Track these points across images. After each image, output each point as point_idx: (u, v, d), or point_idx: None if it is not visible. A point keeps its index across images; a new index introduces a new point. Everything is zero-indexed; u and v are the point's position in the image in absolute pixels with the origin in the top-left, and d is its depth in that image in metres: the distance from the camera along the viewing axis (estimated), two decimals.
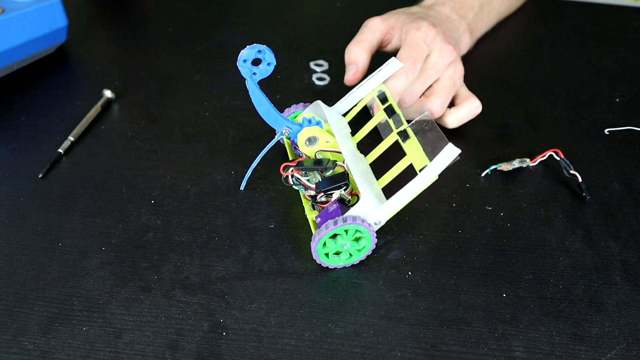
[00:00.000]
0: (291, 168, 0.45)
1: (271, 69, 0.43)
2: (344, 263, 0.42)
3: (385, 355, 0.38)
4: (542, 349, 0.38)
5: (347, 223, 0.40)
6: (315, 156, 0.47)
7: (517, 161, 0.51)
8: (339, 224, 0.40)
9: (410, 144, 0.42)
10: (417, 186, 0.40)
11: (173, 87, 0.61)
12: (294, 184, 0.45)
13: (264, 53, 0.42)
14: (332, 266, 0.42)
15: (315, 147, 0.47)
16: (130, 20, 0.75)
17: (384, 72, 0.49)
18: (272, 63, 0.43)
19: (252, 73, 0.43)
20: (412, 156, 0.42)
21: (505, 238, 0.45)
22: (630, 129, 0.56)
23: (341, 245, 0.41)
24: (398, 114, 0.45)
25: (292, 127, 0.47)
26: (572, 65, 0.66)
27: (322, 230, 0.40)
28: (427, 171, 0.39)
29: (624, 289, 0.42)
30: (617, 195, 0.49)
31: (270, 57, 0.42)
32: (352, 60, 0.53)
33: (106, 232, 0.45)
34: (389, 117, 0.46)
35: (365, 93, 0.49)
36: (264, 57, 0.42)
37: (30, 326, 0.39)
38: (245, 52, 0.42)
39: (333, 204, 0.42)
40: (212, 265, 0.43)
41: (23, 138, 0.54)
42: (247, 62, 0.43)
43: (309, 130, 0.46)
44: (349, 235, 0.41)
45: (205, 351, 0.38)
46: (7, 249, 0.44)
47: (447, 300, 0.41)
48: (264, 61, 0.43)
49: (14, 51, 0.58)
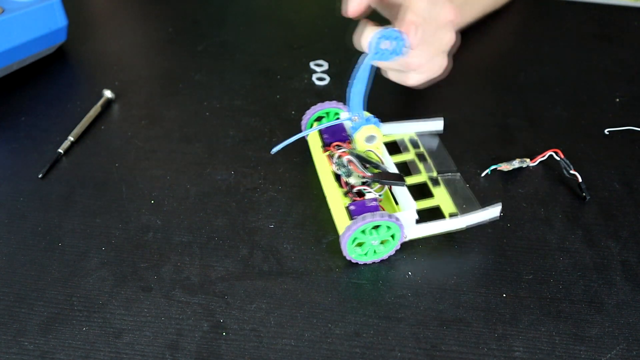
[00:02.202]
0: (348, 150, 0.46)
1: (402, 48, 0.42)
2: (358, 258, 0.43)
3: (385, 355, 0.38)
4: (542, 349, 0.38)
5: (392, 220, 0.40)
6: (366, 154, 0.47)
7: (517, 161, 0.51)
8: (384, 217, 0.40)
9: (439, 190, 0.47)
10: (453, 225, 0.44)
11: (173, 87, 0.61)
12: (339, 166, 0.45)
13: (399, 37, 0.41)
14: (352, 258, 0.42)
15: (370, 146, 0.47)
16: (130, 20, 0.75)
17: (426, 124, 0.53)
18: (398, 36, 0.42)
19: (390, 53, 0.42)
20: (439, 200, 0.46)
21: (505, 238, 0.45)
22: (630, 129, 0.56)
23: (369, 240, 0.41)
24: (430, 163, 0.49)
25: (360, 118, 0.46)
26: (572, 65, 0.66)
27: (367, 216, 0.40)
28: (471, 216, 0.44)
29: (624, 289, 0.42)
30: (617, 195, 0.49)
31: (396, 33, 0.41)
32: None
33: (106, 232, 0.45)
34: (419, 162, 0.50)
35: (404, 130, 0.53)
36: (399, 38, 0.41)
37: (30, 326, 0.39)
38: (374, 43, 0.41)
39: (373, 200, 0.43)
40: (212, 265, 0.43)
41: (23, 138, 0.54)
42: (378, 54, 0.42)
43: (369, 128, 0.46)
44: (382, 233, 0.41)
45: (205, 351, 0.38)
46: (7, 249, 0.44)
47: (447, 300, 0.41)
48: (391, 39, 0.41)
49: (14, 51, 0.58)
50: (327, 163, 0.47)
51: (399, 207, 0.45)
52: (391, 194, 0.46)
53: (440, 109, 0.59)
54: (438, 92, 0.62)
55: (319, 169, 0.48)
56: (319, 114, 0.51)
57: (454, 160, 0.52)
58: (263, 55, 0.67)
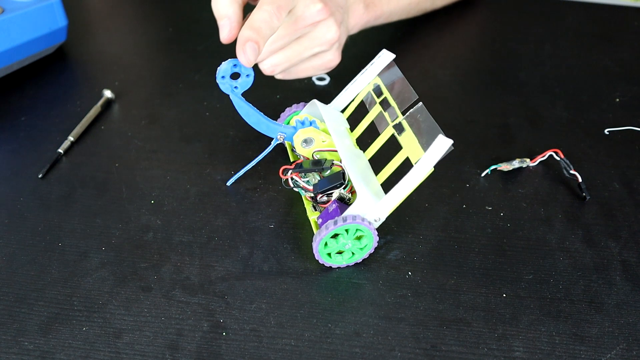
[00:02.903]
0: (290, 171, 0.45)
1: (251, 80, 0.44)
2: (347, 262, 0.42)
3: (385, 355, 0.38)
4: (542, 349, 0.38)
5: (346, 222, 0.40)
6: (313, 157, 0.47)
7: (517, 161, 0.51)
8: (338, 223, 0.40)
9: (405, 137, 0.42)
10: (413, 180, 0.40)
11: (173, 87, 0.61)
12: (294, 187, 0.45)
13: (240, 66, 0.42)
14: (336, 265, 0.42)
15: (312, 148, 0.47)
16: (130, 20, 0.75)
17: (376, 64, 0.47)
18: (250, 74, 0.43)
19: (234, 87, 0.44)
20: (408, 149, 0.41)
21: (505, 238, 0.45)
22: (630, 129, 0.56)
23: (343, 245, 0.41)
24: (393, 107, 0.44)
25: (286, 131, 0.47)
26: (572, 65, 0.66)
27: (322, 230, 0.40)
28: (420, 164, 0.39)
29: (624, 289, 0.42)
30: (617, 195, 0.49)
31: (246, 69, 0.43)
32: (222, 15, 0.45)
33: (106, 232, 0.45)
34: (384, 111, 0.45)
35: (360, 87, 0.48)
36: (241, 70, 0.43)
37: (30, 326, 0.39)
38: (222, 68, 0.43)
39: (333, 203, 0.42)
40: (212, 265, 0.43)
41: (23, 138, 0.54)
42: (225, 78, 0.43)
43: (303, 131, 0.46)
44: (349, 234, 0.41)
45: (205, 351, 0.38)
46: (7, 249, 0.44)
47: (447, 300, 0.41)
48: (242, 73, 0.43)
49: (14, 51, 0.58)
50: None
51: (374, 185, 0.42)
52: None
53: (440, 109, 0.59)
54: (438, 92, 0.62)
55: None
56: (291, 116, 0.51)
57: (454, 161, 0.52)
58: None
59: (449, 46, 0.71)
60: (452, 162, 0.52)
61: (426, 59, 0.67)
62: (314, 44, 0.50)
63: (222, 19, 0.45)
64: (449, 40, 0.72)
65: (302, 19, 0.48)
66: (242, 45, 0.41)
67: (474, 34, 0.74)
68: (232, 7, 0.44)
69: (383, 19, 0.64)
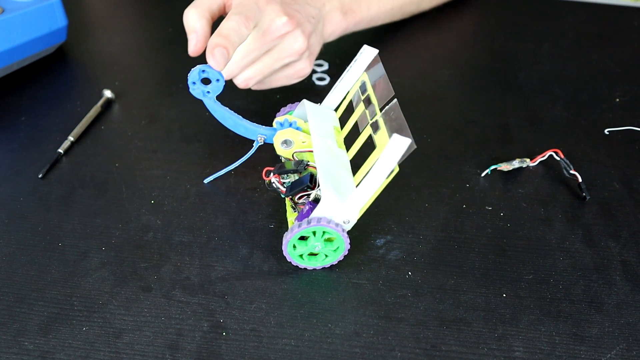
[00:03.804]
0: (271, 172, 0.45)
1: (222, 84, 0.44)
2: (321, 264, 0.42)
3: (385, 355, 0.38)
4: (542, 349, 0.38)
5: (311, 225, 0.39)
6: (294, 157, 0.47)
7: (517, 161, 0.51)
8: (303, 226, 0.39)
9: (380, 136, 0.40)
10: (375, 181, 0.38)
11: (173, 87, 0.61)
12: (272, 190, 0.45)
13: (207, 72, 0.43)
14: (310, 267, 0.42)
15: (292, 149, 0.47)
16: (130, 20, 0.75)
17: (359, 61, 0.47)
18: (220, 79, 0.43)
19: (206, 92, 0.44)
20: (380, 149, 0.39)
21: (505, 238, 0.45)
22: (630, 129, 0.56)
23: (312, 247, 0.41)
24: (373, 104, 0.43)
25: (266, 133, 0.47)
26: (572, 65, 0.66)
27: (288, 233, 0.40)
28: (379, 164, 0.37)
29: (624, 289, 0.42)
30: (617, 195, 0.49)
31: (214, 74, 0.43)
32: (190, 29, 0.47)
33: (106, 232, 0.45)
34: (366, 109, 0.44)
35: (349, 86, 0.48)
36: (209, 75, 0.43)
37: (30, 326, 0.39)
38: (191, 76, 0.43)
39: (307, 204, 0.42)
40: (212, 265, 0.43)
41: (23, 138, 0.54)
42: (196, 84, 0.43)
43: (282, 133, 0.46)
44: (317, 237, 0.40)
45: (205, 351, 0.38)
46: (7, 249, 0.44)
47: (447, 300, 0.41)
48: (212, 78, 0.43)
49: (14, 51, 0.58)
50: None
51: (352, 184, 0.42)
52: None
53: (440, 109, 0.59)
54: (438, 92, 0.62)
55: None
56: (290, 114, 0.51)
57: (454, 161, 0.52)
58: None
59: (449, 46, 0.71)
60: (452, 162, 0.52)
61: (426, 59, 0.67)
62: (283, 55, 0.52)
63: (191, 33, 0.47)
64: (449, 40, 0.72)
65: (268, 32, 0.49)
66: (211, 50, 0.42)
67: (474, 34, 0.74)
68: (200, 22, 0.46)
69: (364, 24, 0.65)
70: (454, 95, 0.61)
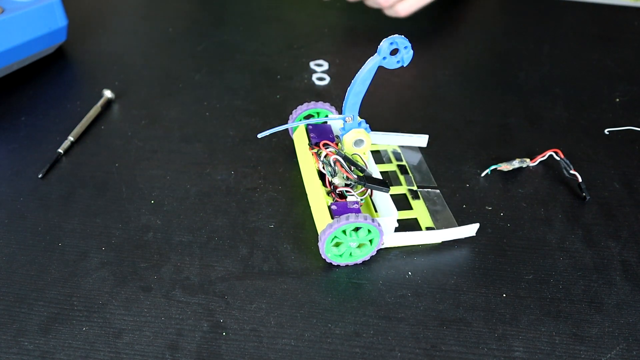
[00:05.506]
0: (335, 151, 0.45)
1: (410, 51, 0.43)
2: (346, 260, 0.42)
3: (385, 355, 0.38)
4: (542, 349, 0.38)
5: (373, 224, 0.40)
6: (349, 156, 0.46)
7: (517, 161, 0.51)
8: (368, 220, 0.40)
9: (418, 204, 0.47)
10: (427, 239, 0.44)
11: (173, 87, 0.61)
12: (325, 165, 0.45)
13: (395, 42, 0.42)
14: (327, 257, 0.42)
15: (357, 150, 0.46)
16: (130, 20, 0.75)
17: (411, 139, 0.53)
18: (407, 46, 0.43)
19: (397, 62, 0.43)
20: (418, 213, 0.47)
21: (505, 238, 0.45)
22: (630, 129, 0.56)
23: (351, 241, 0.41)
24: (410, 176, 0.50)
25: (353, 120, 0.46)
26: (572, 65, 0.66)
27: (350, 217, 0.40)
28: (445, 232, 0.44)
29: (624, 289, 0.42)
30: (617, 195, 0.49)
31: (403, 42, 0.43)
32: None
33: (106, 232, 0.45)
34: (401, 174, 0.50)
35: (387, 142, 0.53)
36: (398, 45, 0.43)
37: (30, 326, 0.39)
38: (381, 52, 0.43)
39: (355, 203, 0.42)
40: (212, 265, 0.43)
41: (23, 138, 0.54)
42: (387, 59, 0.43)
43: (359, 132, 0.46)
44: (362, 236, 0.41)
45: (205, 351, 0.38)
46: (7, 249, 0.44)
47: (447, 300, 0.41)
48: (400, 47, 0.43)
49: (14, 51, 0.58)
50: (313, 161, 0.47)
51: (378, 214, 0.45)
52: (371, 200, 0.46)
53: (440, 109, 0.59)
54: (438, 92, 0.62)
55: (302, 166, 0.48)
56: (309, 112, 0.51)
57: (454, 161, 0.52)
58: (263, 55, 0.67)
59: (449, 46, 0.71)
60: (452, 162, 0.52)
61: (426, 59, 0.67)
62: None
63: None
64: (449, 40, 0.72)
65: None
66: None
67: (474, 34, 0.74)
68: None
69: None
70: (454, 95, 0.61)
